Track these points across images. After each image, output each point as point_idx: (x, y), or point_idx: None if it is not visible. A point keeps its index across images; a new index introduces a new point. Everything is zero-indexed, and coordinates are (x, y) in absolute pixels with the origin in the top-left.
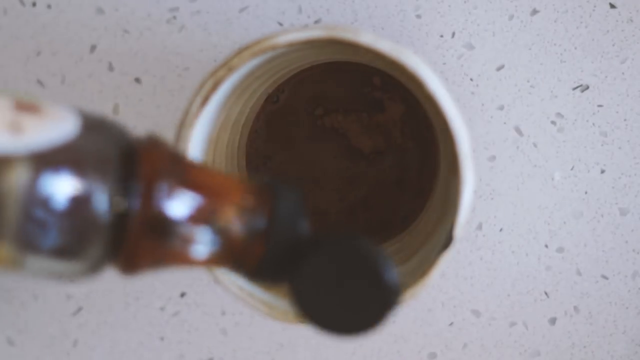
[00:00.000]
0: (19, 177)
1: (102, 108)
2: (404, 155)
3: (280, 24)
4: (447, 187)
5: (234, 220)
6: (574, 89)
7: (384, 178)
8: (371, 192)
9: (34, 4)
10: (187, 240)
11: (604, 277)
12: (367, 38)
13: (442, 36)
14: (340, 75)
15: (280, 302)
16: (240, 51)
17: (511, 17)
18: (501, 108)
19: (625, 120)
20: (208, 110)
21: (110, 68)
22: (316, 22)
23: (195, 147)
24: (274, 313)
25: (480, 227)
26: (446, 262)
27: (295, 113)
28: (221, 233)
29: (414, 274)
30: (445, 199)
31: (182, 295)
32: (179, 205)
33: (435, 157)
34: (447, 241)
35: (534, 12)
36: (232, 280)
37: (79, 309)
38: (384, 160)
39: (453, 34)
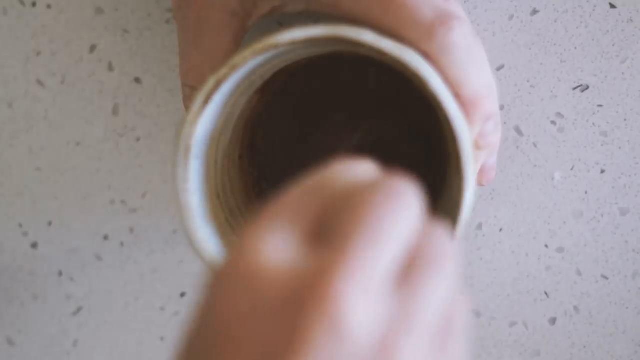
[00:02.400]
0: None
1: (102, 108)
2: (412, 153)
3: (280, 24)
4: (451, 186)
5: None
6: (574, 89)
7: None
8: None
9: (34, 4)
10: None
11: (604, 277)
12: (370, 37)
13: None
14: (343, 69)
15: None
16: (243, 50)
17: (511, 17)
18: (501, 108)
19: (625, 120)
20: (210, 109)
21: (110, 68)
22: (315, 21)
23: (197, 146)
24: None
25: (480, 227)
26: None
27: (296, 108)
28: None
29: None
30: (447, 198)
31: (182, 295)
32: None
33: (443, 158)
34: None
35: (534, 12)
36: None
37: (79, 309)
38: (391, 159)
39: None
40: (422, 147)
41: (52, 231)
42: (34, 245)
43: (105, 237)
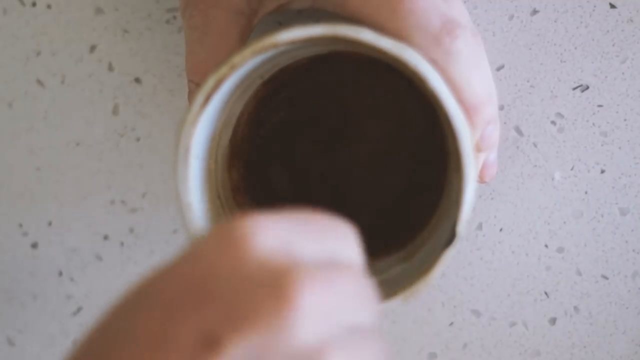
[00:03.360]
0: None
1: (102, 108)
2: (413, 153)
3: (280, 23)
4: (451, 184)
5: None
6: (574, 89)
7: (390, 178)
8: (376, 194)
9: (34, 4)
10: None
11: (604, 277)
12: (369, 36)
13: None
14: (342, 67)
15: None
16: (242, 49)
17: (511, 17)
18: (501, 108)
19: (625, 120)
20: (210, 109)
21: (110, 68)
22: (317, 20)
23: (197, 146)
24: None
25: (480, 227)
26: (449, 259)
27: (296, 107)
28: None
29: (417, 271)
30: (448, 197)
31: None
32: None
33: (443, 156)
34: (451, 238)
35: (534, 12)
36: None
37: (79, 309)
38: (391, 158)
39: None
40: (423, 146)
41: (52, 231)
42: (34, 245)
43: (105, 237)
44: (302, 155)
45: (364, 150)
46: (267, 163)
